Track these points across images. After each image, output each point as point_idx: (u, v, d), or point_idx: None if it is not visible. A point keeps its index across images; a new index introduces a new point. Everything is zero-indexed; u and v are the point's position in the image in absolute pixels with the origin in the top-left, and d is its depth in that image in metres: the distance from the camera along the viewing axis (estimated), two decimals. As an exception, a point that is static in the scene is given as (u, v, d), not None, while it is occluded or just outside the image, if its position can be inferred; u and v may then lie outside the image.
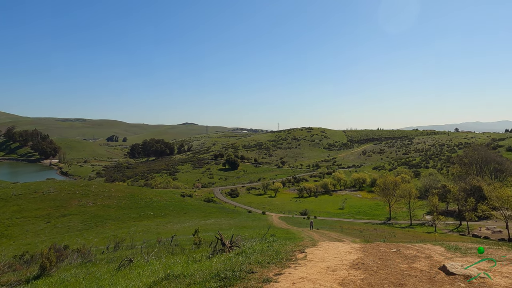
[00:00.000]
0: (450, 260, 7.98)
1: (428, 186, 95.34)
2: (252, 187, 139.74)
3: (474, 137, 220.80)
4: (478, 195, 75.59)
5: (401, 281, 6.52)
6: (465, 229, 69.65)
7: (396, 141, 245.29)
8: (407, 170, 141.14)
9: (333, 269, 6.93)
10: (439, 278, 6.75)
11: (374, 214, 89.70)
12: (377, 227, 67.47)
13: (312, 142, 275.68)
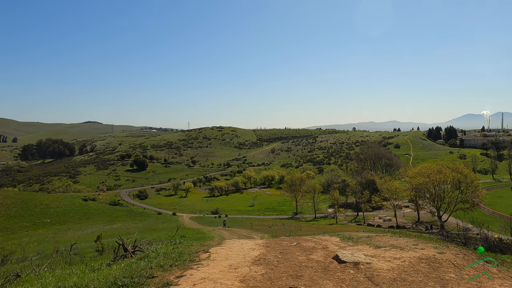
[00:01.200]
0: (343, 250, 8.64)
1: (330, 181, 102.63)
2: (162, 188, 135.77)
3: (368, 136, 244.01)
4: (372, 188, 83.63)
5: (298, 273, 6.86)
6: (361, 219, 76.55)
7: (302, 139, 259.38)
8: (312, 167, 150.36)
9: (235, 267, 7.03)
10: (332, 267, 7.26)
11: (282, 210, 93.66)
12: (285, 222, 70.56)
13: (223, 141, 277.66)
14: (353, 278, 6.64)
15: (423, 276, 6.79)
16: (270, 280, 6.39)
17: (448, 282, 6.50)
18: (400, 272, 6.93)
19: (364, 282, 6.44)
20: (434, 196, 67.07)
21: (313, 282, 6.39)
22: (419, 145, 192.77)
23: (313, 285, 6.20)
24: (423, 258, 7.71)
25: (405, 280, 6.55)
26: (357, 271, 6.98)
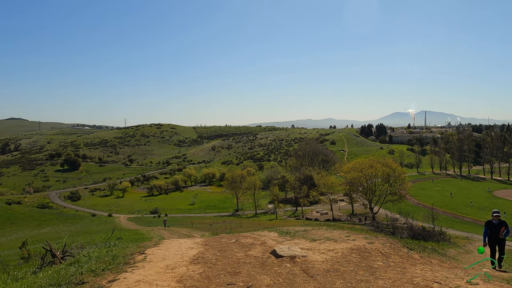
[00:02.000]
0: (280, 244, 8.84)
1: (270, 177, 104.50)
2: (97, 188, 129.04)
3: (306, 133, 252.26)
4: (310, 183, 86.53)
5: (236, 270, 6.90)
6: (300, 213, 78.98)
7: (243, 136, 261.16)
8: (252, 164, 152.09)
9: (173, 267, 6.88)
10: (270, 262, 7.40)
11: (223, 207, 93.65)
12: (226, 219, 70.65)
13: (162, 139, 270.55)
14: (289, 271, 6.82)
15: (354, 265, 7.16)
16: (208, 279, 6.35)
17: (376, 270, 6.92)
18: (333, 263, 7.25)
19: (300, 275, 6.64)
20: (366, 190, 71.20)
21: (251, 277, 6.46)
22: (353, 142, 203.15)
23: (251, 281, 6.27)
24: (354, 249, 8.14)
25: (338, 270, 6.87)
26: (293, 264, 7.18)
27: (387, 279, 6.40)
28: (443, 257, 10.40)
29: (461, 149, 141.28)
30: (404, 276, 6.57)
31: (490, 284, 5.88)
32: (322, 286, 6.09)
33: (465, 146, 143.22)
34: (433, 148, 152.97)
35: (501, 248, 11.31)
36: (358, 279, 6.44)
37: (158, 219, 71.99)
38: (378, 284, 6.15)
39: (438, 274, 6.55)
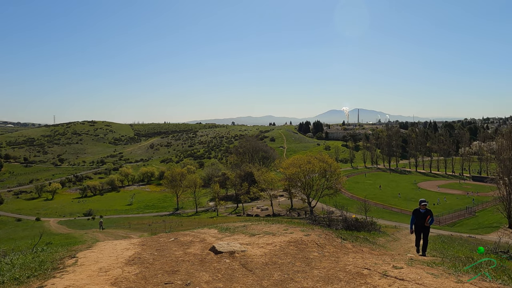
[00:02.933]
0: (220, 240, 8.84)
1: (211, 175, 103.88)
2: (22, 191, 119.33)
3: (246, 130, 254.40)
4: (250, 179, 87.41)
5: (175, 268, 6.78)
6: (241, 210, 79.55)
7: (182, 134, 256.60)
8: (193, 161, 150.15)
9: (106, 270, 6.57)
10: (209, 258, 7.37)
11: (163, 206, 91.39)
12: (166, 219, 69.03)
13: (96, 137, 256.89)
14: (228, 267, 6.84)
15: (292, 257, 7.38)
16: (145, 279, 6.16)
17: (312, 260, 7.20)
18: (271, 256, 7.41)
19: (239, 269, 6.70)
20: (304, 185, 73.57)
21: (190, 275, 6.38)
22: (292, 138, 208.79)
23: (190, 278, 6.19)
24: (292, 242, 8.38)
25: (276, 263, 7.03)
26: (232, 259, 7.22)
27: (322, 269, 6.68)
28: (373, 245, 11.08)
29: (390, 145, 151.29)
30: (337, 264, 6.91)
31: (413, 268, 6.39)
32: (260, 279, 6.20)
33: (393, 141, 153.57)
34: (365, 144, 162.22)
35: (425, 235, 12.29)
36: (295, 270, 6.64)
37: (93, 221, 68.44)
38: (313, 274, 6.40)
39: (368, 261, 6.98)
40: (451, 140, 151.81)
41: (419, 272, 6.06)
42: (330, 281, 6.04)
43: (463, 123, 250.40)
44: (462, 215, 68.01)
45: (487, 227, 58.67)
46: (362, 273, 6.23)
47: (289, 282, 6.04)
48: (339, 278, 6.11)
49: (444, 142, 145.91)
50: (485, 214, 67.95)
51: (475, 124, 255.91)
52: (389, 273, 6.10)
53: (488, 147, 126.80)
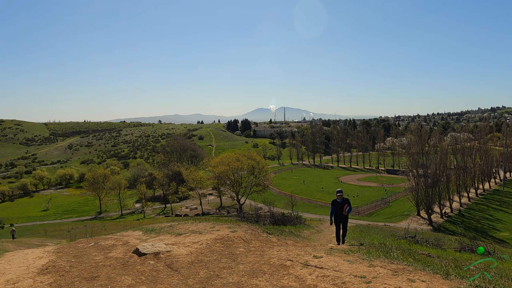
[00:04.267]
0: (144, 242, 8.55)
1: (136, 175, 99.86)
2: None
3: (174, 128, 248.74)
4: (178, 179, 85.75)
5: (94, 274, 6.42)
6: (169, 210, 77.71)
7: (105, 133, 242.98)
8: (117, 162, 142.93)
9: (15, 281, 6.00)
10: (132, 261, 7.10)
11: (84, 211, 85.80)
12: (87, 223, 64.96)
13: (4, 137, 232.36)
14: (153, 268, 6.66)
15: (218, 254, 7.41)
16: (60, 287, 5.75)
17: (238, 256, 7.30)
18: (198, 255, 7.37)
19: (164, 270, 6.56)
20: (233, 182, 74.14)
21: (111, 280, 6.10)
22: (220, 136, 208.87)
23: (110, 283, 5.91)
24: (218, 239, 8.41)
25: (202, 261, 7.01)
26: (157, 261, 7.04)
27: (247, 263, 6.81)
28: (297, 238, 11.55)
29: (314, 142, 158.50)
30: (262, 258, 7.10)
31: (332, 256, 6.80)
32: (185, 278, 6.13)
33: (317, 138, 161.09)
34: (291, 141, 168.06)
35: (344, 225, 12.96)
36: (221, 266, 6.69)
37: (2, 230, 61.98)
38: (239, 269, 6.49)
39: (291, 253, 7.28)
40: (368, 136, 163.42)
41: (337, 260, 6.47)
42: (255, 274, 6.18)
43: (378, 121, 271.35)
44: (378, 206, 73.67)
45: (399, 216, 64.33)
46: (285, 265, 6.48)
47: (215, 278, 6.06)
48: (264, 271, 6.29)
49: (362, 138, 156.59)
50: (397, 204, 74.34)
51: (389, 121, 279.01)
52: (310, 262, 6.42)
53: (399, 142, 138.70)
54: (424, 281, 5.12)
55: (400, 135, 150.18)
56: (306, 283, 5.54)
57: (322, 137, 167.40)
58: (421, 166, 65.46)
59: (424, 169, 64.55)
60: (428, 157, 67.95)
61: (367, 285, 5.08)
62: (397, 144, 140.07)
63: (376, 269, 5.77)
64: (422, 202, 61.11)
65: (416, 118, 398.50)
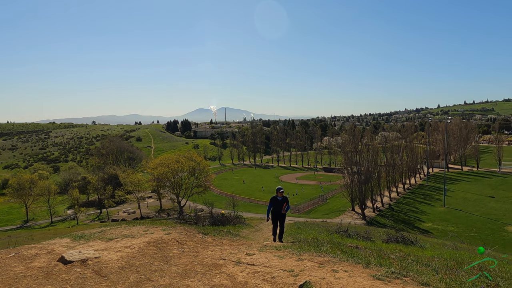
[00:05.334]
0: (71, 249, 8.12)
1: (68, 180, 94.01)
2: None
3: (110, 129, 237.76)
4: (115, 182, 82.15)
5: (12, 286, 5.98)
6: (105, 216, 74.13)
7: (31, 135, 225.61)
8: (45, 166, 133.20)
9: None
10: (57, 270, 6.71)
11: (8, 220, 78.89)
12: (12, 233, 59.83)
13: None
14: (79, 276, 6.36)
15: (150, 257, 7.26)
16: (-29, 304, 5.28)
17: (172, 258, 7.21)
18: (129, 259, 7.16)
19: (91, 277, 6.29)
20: (173, 184, 72.63)
21: (31, 291, 5.72)
22: (160, 137, 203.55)
23: (30, 295, 5.55)
24: (151, 242, 8.23)
25: (133, 265, 6.82)
26: (84, 268, 6.73)
27: (180, 265, 6.76)
28: (234, 237, 11.66)
29: (254, 142, 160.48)
30: (196, 259, 7.08)
31: (263, 253, 6.99)
32: (114, 283, 5.94)
33: (257, 139, 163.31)
34: (232, 141, 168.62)
35: (282, 223, 13.17)
36: (153, 269, 6.56)
37: None
38: (171, 271, 6.42)
39: (225, 252, 7.34)
40: (306, 136, 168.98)
41: (268, 256, 6.66)
42: (187, 275, 6.15)
43: (316, 121, 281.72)
44: (316, 203, 76.47)
45: (335, 211, 67.34)
46: (218, 264, 6.53)
47: (146, 282, 5.94)
48: (196, 271, 6.28)
49: (300, 138, 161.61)
50: (334, 200, 77.74)
51: (326, 122, 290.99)
52: (242, 260, 6.54)
53: (335, 141, 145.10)
54: (346, 271, 5.46)
55: (336, 135, 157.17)
56: (237, 280, 5.64)
57: (263, 137, 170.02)
58: (355, 164, 69.07)
59: (358, 167, 68.18)
60: (361, 155, 71.94)
61: (295, 278, 5.31)
62: (333, 143, 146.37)
63: (304, 263, 6.03)
64: (356, 198, 64.53)
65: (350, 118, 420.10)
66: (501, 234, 49.25)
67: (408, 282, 5.10)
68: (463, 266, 7.73)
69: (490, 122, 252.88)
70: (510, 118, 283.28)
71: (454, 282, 5.40)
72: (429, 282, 5.17)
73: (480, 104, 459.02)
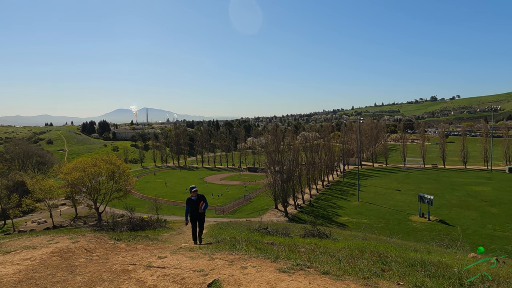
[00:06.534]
0: (-42, 266, 7.23)
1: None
2: None
3: (15, 132, 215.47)
4: (22, 190, 74.65)
5: None
6: (11, 227, 66.98)
7: None
8: None
9: None
10: None
11: None
12: None
13: None
14: (-35, 295, 5.70)
15: (53, 268, 6.76)
16: None
17: (77, 267, 6.80)
18: (28, 272, 6.59)
19: (-19, 296, 5.68)
20: (90, 190, 68.08)
21: None
22: (74, 140, 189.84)
23: None
24: (55, 252, 7.67)
25: (32, 278, 6.30)
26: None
27: (87, 273, 6.40)
28: (151, 241, 11.35)
29: (178, 143, 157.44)
30: (104, 266, 6.75)
31: (176, 255, 6.92)
32: (8, 300, 5.43)
33: (181, 140, 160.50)
34: (154, 143, 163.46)
35: (201, 223, 12.84)
36: (55, 281, 6.12)
37: None
38: (76, 280, 6.05)
39: (136, 257, 7.11)
40: (230, 137, 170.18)
41: (180, 258, 6.61)
42: (93, 284, 5.85)
43: (240, 122, 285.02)
44: (241, 203, 77.47)
45: (260, 210, 68.86)
46: (128, 269, 6.30)
47: (46, 295, 5.53)
48: (103, 279, 6.00)
49: (225, 139, 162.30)
50: (258, 200, 79.45)
51: (249, 122, 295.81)
52: (153, 264, 6.41)
53: (259, 142, 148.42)
54: (254, 267, 5.65)
55: (259, 135, 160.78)
56: (146, 285, 5.51)
57: (186, 138, 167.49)
58: (277, 163, 71.32)
59: (280, 166, 70.50)
60: (283, 155, 74.58)
61: (204, 277, 5.35)
62: (257, 144, 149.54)
63: (215, 262, 6.11)
64: (279, 196, 66.65)
65: (273, 119, 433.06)
66: (406, 224, 54.53)
67: (310, 272, 5.44)
68: (365, 254, 8.44)
69: (396, 122, 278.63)
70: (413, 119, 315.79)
71: (352, 269, 5.89)
72: (330, 271, 5.57)
73: (388, 106, 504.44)
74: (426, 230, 49.67)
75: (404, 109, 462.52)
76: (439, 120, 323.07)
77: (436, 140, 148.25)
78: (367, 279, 5.21)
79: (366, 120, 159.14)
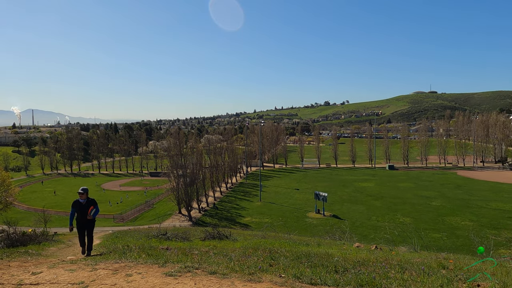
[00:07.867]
0: None
1: None
2: None
3: None
4: None
5: None
6: None
7: None
8: None
9: None
10: None
11: None
12: None
13: None
14: None
15: None
16: None
17: None
18: None
19: None
20: (-41, 204, 58.78)
21: None
22: None
23: None
24: None
25: None
26: None
27: None
28: (31, 257, 10.24)
29: (71, 148, 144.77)
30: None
31: (54, 269, 6.32)
32: None
33: (74, 144, 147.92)
34: (42, 148, 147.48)
35: (89, 232, 10.97)
36: None
37: None
38: None
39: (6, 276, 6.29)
40: (130, 140, 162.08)
41: (58, 271, 6.06)
42: None
43: (141, 125, 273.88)
44: (143, 209, 74.30)
45: (163, 216, 66.84)
46: (-8, 291, 5.57)
47: None
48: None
49: (124, 142, 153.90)
50: (161, 205, 77.09)
51: (151, 125, 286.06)
52: (25, 281, 5.76)
53: (161, 145, 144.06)
54: (140, 273, 5.47)
55: (161, 138, 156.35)
56: (14, 306, 4.93)
57: (81, 142, 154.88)
58: (180, 166, 70.12)
59: (184, 170, 69.46)
60: (186, 158, 73.60)
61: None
62: (159, 147, 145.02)
63: (98, 272, 5.75)
64: (183, 201, 65.58)
65: (176, 122, 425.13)
66: (304, 220, 58.12)
67: (198, 274, 5.45)
68: (258, 252, 8.77)
69: (295, 125, 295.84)
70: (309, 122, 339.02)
71: (240, 267, 6.07)
72: (217, 270, 5.65)
73: (288, 109, 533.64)
74: (321, 225, 53.60)
75: (301, 113, 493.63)
76: (332, 123, 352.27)
77: (330, 141, 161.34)
78: (251, 275, 5.41)
79: (267, 123, 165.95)
